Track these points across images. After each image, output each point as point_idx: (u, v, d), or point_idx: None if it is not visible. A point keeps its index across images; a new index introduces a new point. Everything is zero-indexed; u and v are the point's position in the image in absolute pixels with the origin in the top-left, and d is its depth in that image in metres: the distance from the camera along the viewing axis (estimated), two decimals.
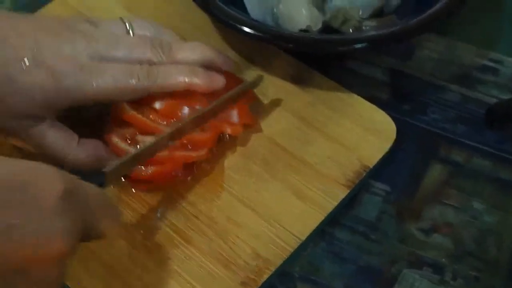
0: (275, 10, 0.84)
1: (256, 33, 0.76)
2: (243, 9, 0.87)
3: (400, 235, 0.72)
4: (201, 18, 0.87)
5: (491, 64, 0.87)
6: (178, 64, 0.72)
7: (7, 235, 0.46)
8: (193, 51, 0.74)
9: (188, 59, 0.73)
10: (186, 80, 0.71)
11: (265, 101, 0.80)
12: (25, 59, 0.65)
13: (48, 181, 0.49)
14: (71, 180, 0.51)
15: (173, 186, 0.72)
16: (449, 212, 0.73)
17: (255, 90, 0.80)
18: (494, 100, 0.83)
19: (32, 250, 0.47)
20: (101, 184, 0.60)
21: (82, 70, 0.67)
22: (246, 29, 0.76)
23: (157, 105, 0.71)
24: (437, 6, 0.77)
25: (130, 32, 0.74)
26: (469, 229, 0.72)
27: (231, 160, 0.75)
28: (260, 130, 0.77)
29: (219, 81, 0.74)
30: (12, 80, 0.65)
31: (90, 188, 0.54)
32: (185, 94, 0.72)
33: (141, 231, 0.69)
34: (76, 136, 0.70)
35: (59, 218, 0.48)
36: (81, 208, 0.51)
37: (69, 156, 0.69)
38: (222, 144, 0.76)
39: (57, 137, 0.69)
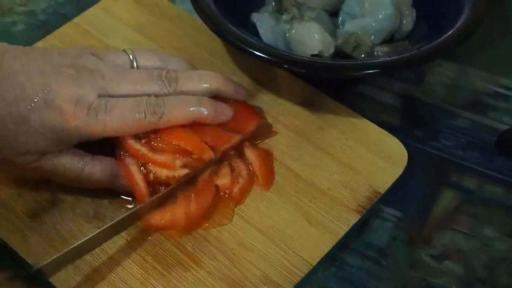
0: (287, 34, 0.85)
1: (268, 57, 0.76)
2: (255, 33, 0.87)
3: (410, 261, 0.72)
4: (213, 41, 0.87)
5: (502, 90, 0.87)
6: (185, 95, 0.72)
7: None
8: (200, 81, 0.74)
9: (196, 89, 0.73)
10: (193, 111, 0.71)
11: (276, 126, 0.80)
12: (35, 99, 0.66)
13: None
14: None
15: None
16: (460, 239, 0.73)
17: (266, 115, 0.80)
18: (505, 127, 0.83)
19: None
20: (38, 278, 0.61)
21: (90, 110, 0.67)
22: (258, 53, 0.76)
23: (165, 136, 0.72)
24: (450, 32, 0.78)
25: (134, 64, 0.74)
26: (480, 256, 0.72)
27: None
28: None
29: (227, 112, 0.74)
30: (24, 119, 0.65)
31: None
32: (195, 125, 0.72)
33: (152, 254, 0.69)
34: (89, 154, 0.71)
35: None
36: None
37: (85, 169, 0.70)
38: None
39: (71, 157, 0.70)
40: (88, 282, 0.67)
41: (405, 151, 0.77)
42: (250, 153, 0.76)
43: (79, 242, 0.65)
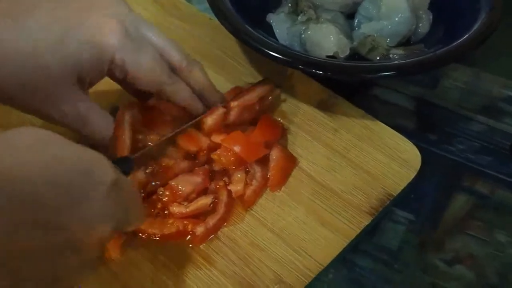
0: (303, 35, 0.85)
1: (283, 58, 0.77)
2: (271, 33, 0.87)
3: (422, 265, 0.72)
4: (229, 41, 0.88)
5: None
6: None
7: (69, 211, 0.49)
8: (199, 77, 0.75)
9: (196, 83, 0.75)
10: (188, 101, 0.74)
11: (290, 127, 0.80)
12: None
13: (105, 170, 0.53)
14: (118, 172, 0.54)
15: None
16: (473, 244, 0.73)
17: (281, 116, 0.81)
18: None
19: (87, 227, 0.50)
20: (128, 169, 0.64)
21: (127, 32, 0.69)
22: (274, 54, 0.77)
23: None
24: (466, 36, 0.78)
25: None
26: (493, 261, 0.72)
27: None
28: None
29: (200, 108, 0.76)
30: (61, 40, 0.66)
31: (127, 182, 0.57)
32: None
33: (164, 252, 0.69)
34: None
35: (108, 204, 0.52)
36: (122, 198, 0.54)
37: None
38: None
39: (100, 112, 0.71)
40: (99, 279, 0.67)
41: (419, 154, 0.77)
42: (276, 154, 0.76)
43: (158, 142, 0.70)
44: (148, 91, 0.73)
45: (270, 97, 0.80)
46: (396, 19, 0.86)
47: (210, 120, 0.74)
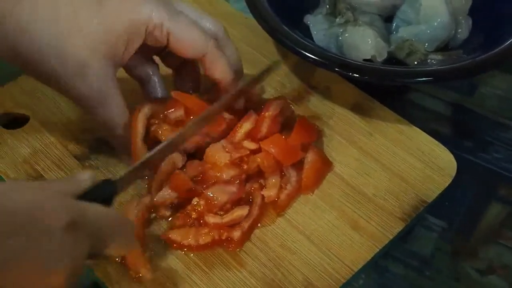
0: (340, 38, 0.84)
1: (320, 60, 0.76)
2: (308, 34, 0.87)
3: (454, 274, 0.71)
4: (265, 41, 0.87)
5: None
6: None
7: (15, 261, 0.47)
8: (233, 51, 0.76)
9: (231, 56, 0.75)
10: (226, 74, 0.73)
11: (325, 129, 0.80)
12: None
13: (54, 214, 0.50)
14: (77, 210, 0.52)
15: None
16: (506, 254, 0.72)
17: (316, 119, 0.80)
18: None
19: (37, 277, 0.49)
20: (111, 193, 0.60)
21: (161, 2, 0.69)
22: (311, 56, 0.76)
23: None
24: (507, 43, 0.77)
25: None
26: None
27: None
28: None
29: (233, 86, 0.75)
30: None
31: (97, 210, 0.55)
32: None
33: (196, 252, 0.69)
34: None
35: (61, 251, 0.50)
36: (88, 233, 0.53)
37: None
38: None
39: (120, 96, 0.71)
40: (131, 277, 0.67)
41: (455, 161, 0.76)
42: (311, 157, 0.75)
43: (143, 160, 0.66)
44: (188, 58, 0.72)
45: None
46: (435, 23, 0.85)
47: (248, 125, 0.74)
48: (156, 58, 0.78)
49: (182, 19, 0.70)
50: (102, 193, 0.58)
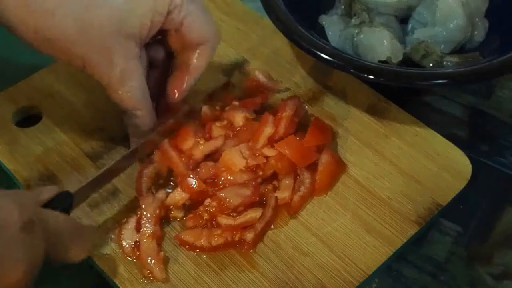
0: (355, 39, 0.84)
1: (335, 61, 0.76)
2: (323, 35, 0.86)
3: (469, 278, 0.70)
4: (280, 41, 0.87)
5: None
6: None
7: None
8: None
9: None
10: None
11: (339, 131, 0.79)
12: None
13: (7, 214, 0.52)
14: (36, 212, 0.55)
15: None
16: None
17: (330, 120, 0.80)
18: None
19: None
20: (69, 204, 0.64)
21: None
22: (326, 57, 0.76)
23: None
24: None
25: None
26: None
27: None
28: None
29: None
30: None
31: (57, 217, 0.59)
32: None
33: (207, 252, 0.69)
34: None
35: (18, 248, 0.52)
36: (44, 238, 0.55)
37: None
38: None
39: (143, 76, 0.71)
40: (143, 276, 0.67)
41: (470, 165, 0.75)
42: (325, 158, 0.75)
43: (102, 171, 0.69)
44: (191, 44, 0.72)
45: None
46: (451, 25, 0.84)
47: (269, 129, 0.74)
48: None
49: (197, 2, 0.71)
50: (62, 203, 0.62)
